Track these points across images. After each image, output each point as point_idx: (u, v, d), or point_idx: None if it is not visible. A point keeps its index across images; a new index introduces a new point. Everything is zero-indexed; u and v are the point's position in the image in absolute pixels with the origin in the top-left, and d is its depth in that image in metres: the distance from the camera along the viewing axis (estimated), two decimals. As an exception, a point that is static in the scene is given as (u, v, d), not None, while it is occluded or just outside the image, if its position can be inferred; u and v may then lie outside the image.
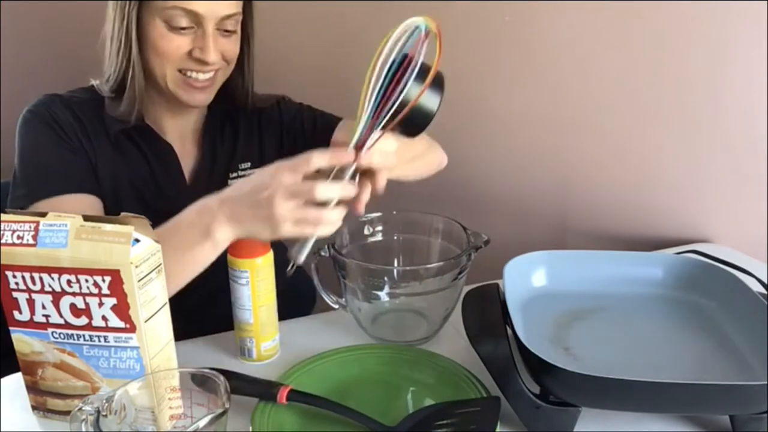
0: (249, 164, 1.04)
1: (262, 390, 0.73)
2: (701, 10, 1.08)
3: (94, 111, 0.94)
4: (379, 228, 0.95)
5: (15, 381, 0.75)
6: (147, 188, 0.97)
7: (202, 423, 0.55)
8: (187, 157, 1.01)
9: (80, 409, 0.58)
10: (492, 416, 0.68)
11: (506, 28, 1.20)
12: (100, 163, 0.93)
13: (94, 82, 0.96)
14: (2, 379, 0.78)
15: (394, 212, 0.96)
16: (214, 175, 1.01)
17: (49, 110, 0.92)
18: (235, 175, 1.03)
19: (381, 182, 0.73)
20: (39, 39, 1.49)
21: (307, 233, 0.71)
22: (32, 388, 0.70)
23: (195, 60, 0.88)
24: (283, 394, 0.72)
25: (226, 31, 0.90)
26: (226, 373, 0.76)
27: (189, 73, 0.90)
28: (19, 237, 0.63)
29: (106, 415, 0.57)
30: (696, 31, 1.10)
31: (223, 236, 0.72)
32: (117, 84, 0.92)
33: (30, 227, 0.63)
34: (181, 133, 1.00)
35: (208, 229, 0.72)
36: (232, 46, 0.92)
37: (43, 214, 0.64)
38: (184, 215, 0.75)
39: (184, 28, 0.87)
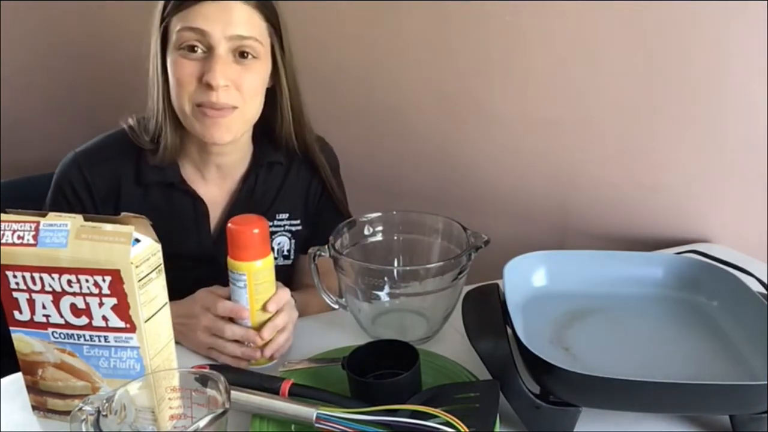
0: (287, 215, 1.01)
1: (264, 384, 0.73)
2: (701, 10, 1.08)
3: (124, 165, 0.92)
4: (379, 228, 0.95)
5: (15, 381, 0.75)
6: (168, 235, 0.95)
7: (202, 423, 0.55)
8: (218, 209, 0.97)
9: (80, 409, 0.58)
10: (492, 398, 0.68)
11: (506, 28, 1.20)
12: (124, 209, 0.90)
13: (125, 126, 0.93)
14: (2, 379, 0.78)
15: (394, 212, 0.96)
16: None
17: (71, 184, 0.91)
18: (270, 224, 0.93)
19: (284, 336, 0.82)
20: (39, 40, 1.48)
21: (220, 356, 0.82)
22: (32, 388, 0.70)
23: (205, 86, 0.84)
24: (285, 388, 0.72)
25: (243, 57, 0.86)
26: (228, 369, 0.76)
27: (205, 107, 0.85)
28: (19, 237, 0.63)
29: (106, 415, 0.57)
30: (696, 31, 1.10)
31: None
32: (156, 131, 0.90)
33: (30, 227, 0.63)
34: (218, 184, 0.97)
35: None
36: (248, 77, 0.86)
37: (44, 214, 0.64)
38: None
39: (194, 51, 0.84)
